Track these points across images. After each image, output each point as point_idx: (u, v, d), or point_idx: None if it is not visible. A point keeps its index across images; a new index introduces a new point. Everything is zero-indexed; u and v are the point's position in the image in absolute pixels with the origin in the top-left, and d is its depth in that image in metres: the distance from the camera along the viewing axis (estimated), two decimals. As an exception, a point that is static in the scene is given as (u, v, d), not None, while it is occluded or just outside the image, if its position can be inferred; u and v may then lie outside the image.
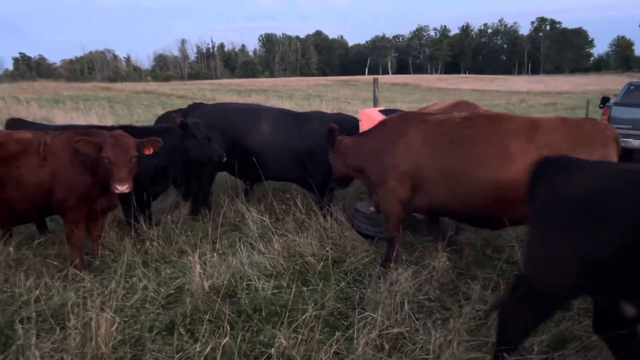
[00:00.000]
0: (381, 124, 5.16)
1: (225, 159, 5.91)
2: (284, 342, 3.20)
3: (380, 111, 6.32)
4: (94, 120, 19.65)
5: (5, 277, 4.51)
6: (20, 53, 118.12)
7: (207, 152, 5.82)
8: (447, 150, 4.40)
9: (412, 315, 3.69)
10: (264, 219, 6.23)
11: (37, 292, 4.17)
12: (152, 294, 4.24)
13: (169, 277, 4.61)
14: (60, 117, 21.27)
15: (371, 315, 3.46)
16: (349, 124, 6.37)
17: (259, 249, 5.06)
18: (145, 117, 25.61)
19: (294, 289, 3.85)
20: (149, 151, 4.97)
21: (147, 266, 4.89)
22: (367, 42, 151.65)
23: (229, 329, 3.54)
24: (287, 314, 3.52)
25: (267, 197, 7.33)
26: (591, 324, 3.38)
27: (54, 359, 3.27)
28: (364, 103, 35.92)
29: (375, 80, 12.64)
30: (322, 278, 4.58)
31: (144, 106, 33.35)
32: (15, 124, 6.32)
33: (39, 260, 4.94)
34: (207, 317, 3.72)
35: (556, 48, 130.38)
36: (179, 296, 4.29)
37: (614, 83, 66.05)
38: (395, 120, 5.01)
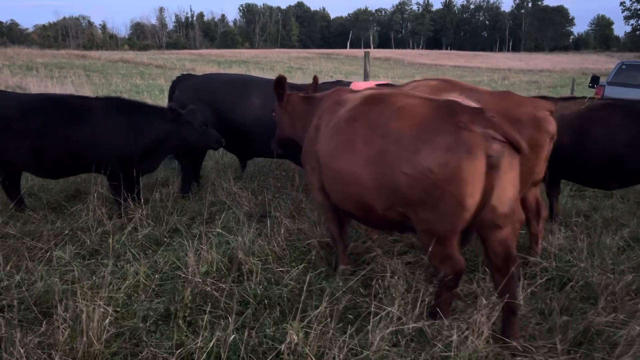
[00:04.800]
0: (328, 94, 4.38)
1: (224, 143, 5.66)
2: (295, 337, 2.95)
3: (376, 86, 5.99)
4: (70, 90, 18.85)
5: (-17, 260, 4.13)
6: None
7: (205, 138, 5.58)
8: None
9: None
10: (257, 197, 5.95)
11: (18, 277, 3.83)
12: (143, 279, 3.93)
13: (161, 262, 4.30)
14: (34, 85, 20.35)
15: (386, 308, 3.22)
16: None
17: (256, 231, 4.76)
18: (123, 86, 24.84)
19: (307, 281, 3.56)
20: None
21: (137, 248, 4.58)
22: (349, 15, 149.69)
23: (230, 322, 3.26)
24: (299, 307, 3.24)
25: (261, 174, 7.03)
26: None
27: (41, 356, 2.95)
28: (347, 77, 35.38)
29: (367, 54, 12.30)
30: (327, 264, 4.33)
31: (121, 75, 32.38)
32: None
33: (20, 242, 4.57)
34: (208, 308, 3.42)
35: (537, 26, 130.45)
36: (172, 282, 4.00)
37: (593, 62, 66.65)
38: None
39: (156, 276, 4.01)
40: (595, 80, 13.67)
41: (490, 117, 2.97)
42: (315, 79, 5.00)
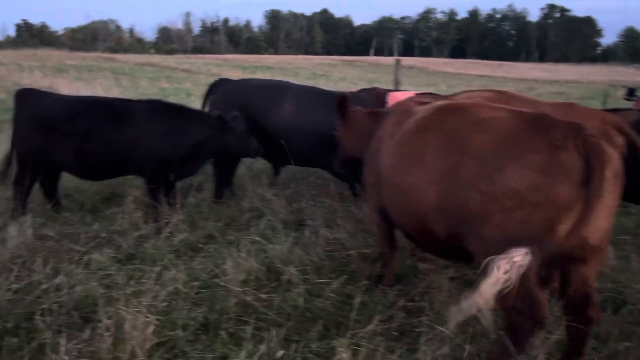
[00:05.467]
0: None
1: (263, 152, 5.61)
2: (344, 354, 2.83)
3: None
4: (99, 92, 19.10)
5: (23, 261, 4.11)
6: (22, 20, 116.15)
7: (245, 146, 5.54)
8: None
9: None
10: (292, 205, 5.87)
11: (58, 280, 3.80)
12: (181, 287, 3.86)
13: (199, 268, 4.23)
14: (65, 86, 20.68)
15: (437, 327, 3.09)
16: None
17: (293, 240, 4.67)
18: (150, 90, 25.11)
19: (352, 295, 3.43)
20: None
21: (173, 254, 4.53)
22: (373, 22, 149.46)
23: (274, 334, 3.17)
24: (346, 322, 3.13)
25: (295, 181, 6.95)
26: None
27: (84, 363, 2.90)
28: (371, 84, 35.32)
29: (398, 62, 12.19)
30: (368, 277, 4.21)
31: (148, 79, 32.77)
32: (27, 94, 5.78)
33: (58, 244, 4.55)
34: (252, 320, 3.34)
35: (564, 36, 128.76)
36: (212, 290, 3.92)
37: (621, 74, 65.30)
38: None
39: (195, 283, 3.95)
40: (631, 92, 13.28)
41: (589, 135, 2.62)
42: (374, 90, 4.87)
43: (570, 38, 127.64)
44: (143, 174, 5.30)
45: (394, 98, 5.73)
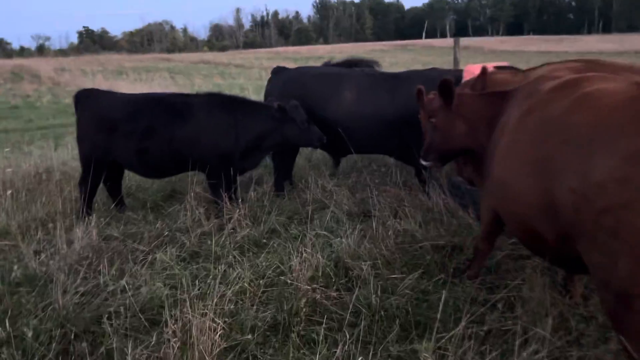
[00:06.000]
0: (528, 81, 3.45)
1: (325, 140, 5.38)
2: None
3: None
4: (157, 90, 19.52)
5: (89, 262, 4.08)
6: (84, 27, 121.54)
7: (306, 136, 5.34)
8: None
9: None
10: (355, 195, 5.61)
11: (124, 281, 3.72)
12: (248, 285, 3.69)
13: (264, 265, 4.06)
14: (125, 88, 21.31)
15: (532, 329, 2.75)
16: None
17: (360, 232, 4.40)
18: (205, 86, 25.47)
19: (444, 295, 3.11)
20: None
21: (236, 250, 4.39)
22: (424, 5, 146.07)
23: (347, 336, 2.93)
24: (435, 325, 2.84)
25: (355, 170, 6.69)
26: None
27: (152, 371, 2.77)
28: (426, 67, 34.28)
29: (457, 41, 11.61)
30: (441, 270, 3.90)
31: (202, 76, 33.35)
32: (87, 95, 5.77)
33: (122, 244, 4.51)
34: (324, 320, 3.12)
35: (629, 3, 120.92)
36: (279, 288, 3.73)
37: (693, 41, 60.54)
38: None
39: (261, 282, 3.77)
40: None
41: None
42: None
43: (636, 5, 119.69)
44: (204, 169, 5.19)
45: (470, 72, 5.29)
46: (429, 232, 4.42)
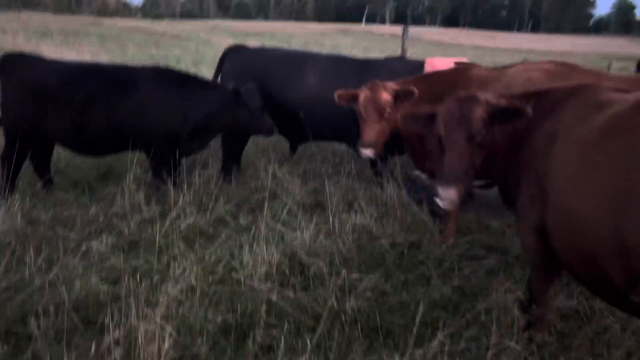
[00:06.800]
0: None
1: (275, 133, 5.17)
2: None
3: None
4: (87, 57, 18.24)
5: (12, 250, 3.61)
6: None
7: (257, 125, 5.05)
8: None
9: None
10: (308, 185, 5.39)
11: (53, 274, 3.31)
12: (195, 281, 3.39)
13: (212, 259, 3.75)
14: (50, 51, 19.73)
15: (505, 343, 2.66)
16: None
17: (315, 226, 4.19)
18: (139, 56, 24.11)
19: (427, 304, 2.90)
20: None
21: (180, 240, 4.05)
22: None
23: (308, 344, 2.72)
24: (414, 331, 2.66)
25: (306, 157, 6.45)
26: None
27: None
28: (366, 53, 34.36)
29: (405, 30, 11.55)
30: (402, 269, 3.77)
31: (136, 44, 31.59)
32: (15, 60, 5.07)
33: (51, 230, 4.04)
34: (282, 324, 2.89)
35: (558, 6, 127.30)
36: (229, 286, 3.45)
37: (614, 46, 64.71)
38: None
39: (210, 278, 3.48)
40: (642, 65, 12.91)
41: None
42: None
43: (564, 8, 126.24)
44: (147, 149, 4.76)
45: (432, 65, 5.17)
46: (384, 227, 4.28)
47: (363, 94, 4.31)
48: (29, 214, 4.24)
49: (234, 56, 5.64)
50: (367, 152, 4.35)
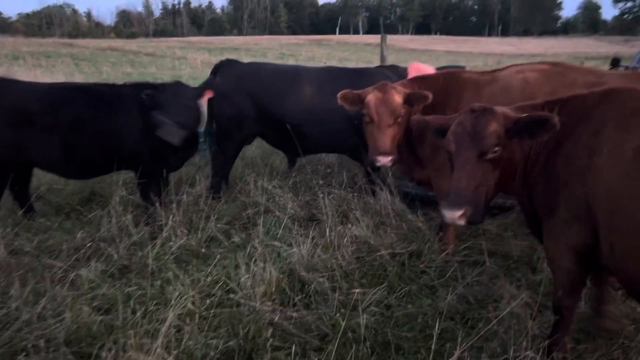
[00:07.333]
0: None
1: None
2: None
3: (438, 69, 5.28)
4: (61, 79, 17.91)
5: (-5, 283, 3.41)
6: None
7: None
8: None
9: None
10: (300, 198, 5.27)
11: (41, 307, 3.13)
12: (192, 306, 3.24)
13: (207, 280, 3.60)
14: (23, 74, 19.35)
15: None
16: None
17: (311, 240, 4.07)
18: (114, 75, 23.83)
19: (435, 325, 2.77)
20: None
21: (174, 262, 3.90)
22: (337, 0, 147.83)
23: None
24: (432, 347, 2.56)
25: (297, 170, 6.33)
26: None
27: None
28: (341, 63, 34.45)
29: (384, 38, 11.59)
30: (405, 280, 3.67)
31: (111, 64, 31.27)
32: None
33: (36, 259, 3.84)
34: (286, 346, 2.76)
35: (526, 10, 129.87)
36: (228, 309, 3.31)
37: (582, 46, 66.20)
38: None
39: (207, 301, 3.33)
40: (616, 62, 13.11)
41: None
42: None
43: (532, 12, 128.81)
44: (135, 167, 4.60)
45: (416, 70, 5.10)
46: (382, 238, 4.18)
47: (372, 95, 3.99)
48: (11, 244, 4.04)
49: (226, 70, 5.50)
50: (385, 161, 3.95)
